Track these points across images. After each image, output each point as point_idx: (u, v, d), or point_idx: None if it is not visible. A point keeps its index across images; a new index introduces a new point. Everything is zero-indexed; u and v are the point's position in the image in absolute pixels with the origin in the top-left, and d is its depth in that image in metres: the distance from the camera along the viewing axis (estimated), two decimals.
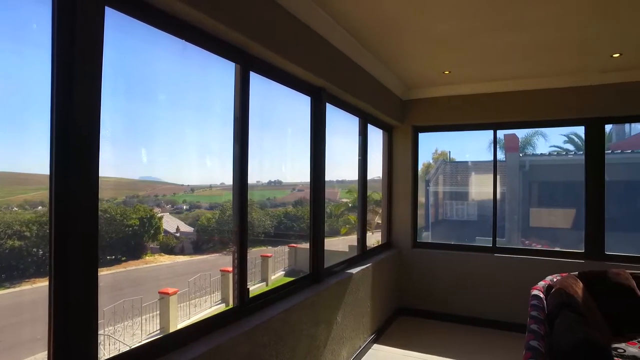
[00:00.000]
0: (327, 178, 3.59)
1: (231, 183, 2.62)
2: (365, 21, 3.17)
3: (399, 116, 5.17)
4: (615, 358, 2.99)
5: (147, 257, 5.82)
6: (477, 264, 4.91)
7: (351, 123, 4.47)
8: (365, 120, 4.47)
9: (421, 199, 6.38)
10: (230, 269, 2.63)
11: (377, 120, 4.84)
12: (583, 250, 4.57)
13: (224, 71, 2.54)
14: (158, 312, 5.39)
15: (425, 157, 8.97)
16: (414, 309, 5.21)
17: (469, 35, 3.37)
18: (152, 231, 5.65)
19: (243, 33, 2.30)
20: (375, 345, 4.34)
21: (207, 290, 6.51)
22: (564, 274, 3.64)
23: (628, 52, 3.70)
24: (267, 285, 7.27)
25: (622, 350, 3.07)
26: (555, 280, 3.52)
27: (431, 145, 9.48)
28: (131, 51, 2.23)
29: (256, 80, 2.79)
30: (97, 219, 1.55)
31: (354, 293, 3.87)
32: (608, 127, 11.39)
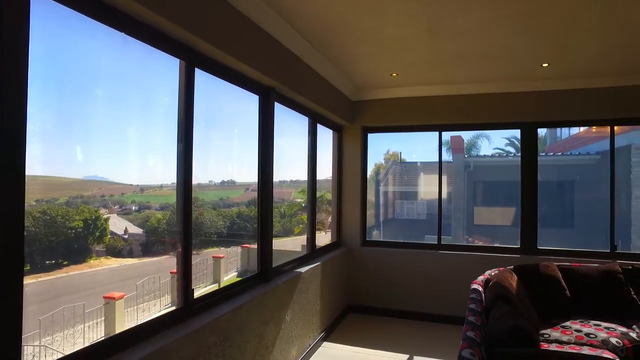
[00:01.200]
0: (281, 178, 3.60)
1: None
2: (314, 21, 3.21)
3: (349, 117, 5.27)
4: (542, 343, 3.22)
5: (91, 261, 5.52)
6: (423, 261, 5.11)
7: (303, 123, 4.50)
8: (314, 120, 4.52)
9: (372, 198, 6.54)
10: None
11: (327, 120, 4.90)
12: (519, 246, 4.88)
13: (168, 67, 2.48)
14: (103, 318, 5.13)
15: (377, 157, 9.19)
16: (364, 306, 5.33)
17: (414, 40, 3.50)
18: (97, 233, 5.37)
19: (188, 28, 2.26)
20: (325, 343, 4.39)
21: (156, 293, 6.29)
22: (501, 269, 3.87)
23: (555, 63, 4.01)
24: (219, 286, 7.12)
25: (547, 335, 3.32)
26: (493, 274, 3.74)
27: (383, 146, 9.73)
28: (66, 44, 2.11)
29: (202, 78, 2.75)
30: (23, 219, 1.47)
31: (303, 292, 3.90)
32: (543, 131, 12.24)
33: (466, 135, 10.50)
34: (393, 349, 4.23)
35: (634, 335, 3.31)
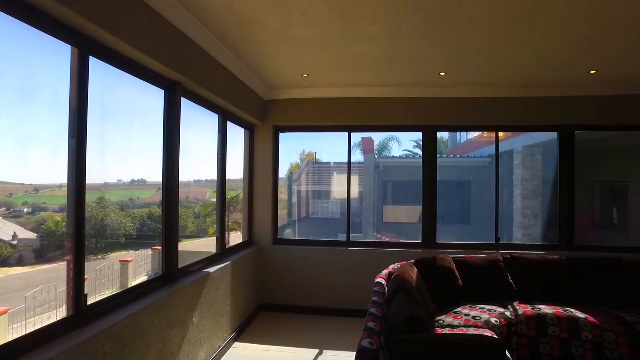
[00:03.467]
0: (197, 177, 3.47)
1: (90, 182, 2.35)
2: (222, 17, 3.15)
3: (261, 115, 5.25)
4: (437, 328, 3.53)
5: None
6: (333, 258, 5.28)
7: (215, 120, 4.39)
8: (225, 118, 4.43)
9: (283, 196, 6.59)
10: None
11: (238, 119, 4.84)
12: (421, 241, 5.26)
13: (58, 54, 2.26)
14: None
15: (293, 157, 9.29)
16: (276, 304, 5.36)
17: (324, 42, 3.60)
18: None
19: (79, 13, 2.08)
20: (236, 344, 4.33)
21: (51, 304, 5.65)
22: (404, 263, 4.16)
23: (452, 72, 4.40)
24: None
25: (442, 321, 3.65)
26: (396, 268, 4.00)
27: (299, 146, 9.86)
28: None
29: (99, 68, 2.56)
30: None
31: (212, 292, 3.81)
32: (446, 135, 13.36)
33: (378, 137, 11.09)
34: (304, 345, 4.31)
35: (508, 314, 3.79)
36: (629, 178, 7.26)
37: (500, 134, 5.50)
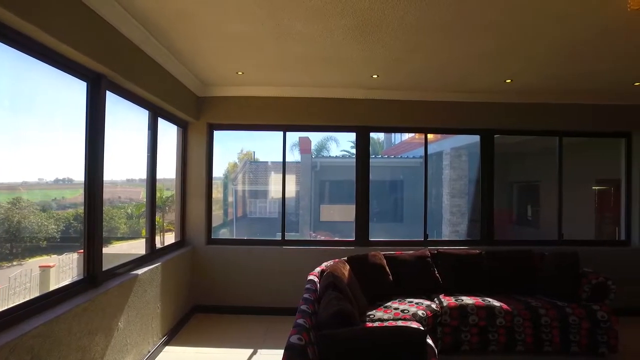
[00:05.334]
0: (129, 176, 3.28)
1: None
2: (150, 9, 3.02)
3: (194, 113, 5.11)
4: (367, 322, 3.65)
5: None
6: (268, 257, 5.27)
7: (145, 117, 4.19)
8: (156, 114, 4.25)
9: (219, 195, 6.46)
10: None
11: (170, 115, 4.65)
12: (354, 239, 5.41)
13: None
14: None
15: (231, 157, 9.12)
16: (211, 305, 5.24)
17: (258, 40, 3.57)
18: None
19: None
20: (167, 348, 4.18)
21: None
22: (336, 260, 4.25)
23: (383, 75, 4.58)
24: None
25: (372, 316, 3.78)
26: (328, 265, 4.08)
27: (237, 145, 9.70)
28: None
29: (9, 54, 2.35)
30: None
31: (140, 295, 3.64)
32: (381, 136, 13.85)
33: (316, 137, 11.23)
34: (238, 345, 4.26)
35: (434, 306, 4.02)
36: (540, 178, 8.00)
37: (430, 136, 5.82)
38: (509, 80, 4.68)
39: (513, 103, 5.35)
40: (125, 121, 4.04)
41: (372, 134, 5.61)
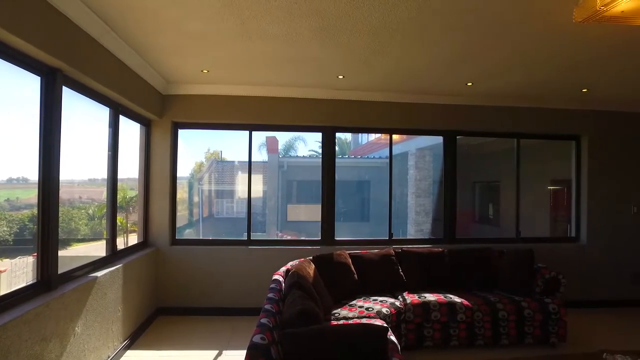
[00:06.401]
0: (91, 176, 3.17)
1: None
2: (109, 2, 2.93)
3: (158, 111, 4.98)
4: (332, 321, 3.69)
5: None
6: (233, 257, 5.22)
7: (106, 114, 4.05)
8: (117, 112, 4.12)
9: (182, 195, 6.34)
10: None
11: (132, 113, 4.52)
12: (320, 238, 5.45)
13: None
14: None
15: (198, 156, 8.95)
16: (175, 307, 5.13)
17: (221, 38, 3.53)
18: None
19: None
20: (128, 352, 4.06)
21: None
22: (302, 259, 4.27)
23: (349, 76, 4.63)
24: None
25: (337, 314, 3.83)
26: (294, 264, 4.09)
27: (204, 145, 9.53)
28: None
29: None
30: None
31: (99, 298, 3.52)
32: (348, 136, 13.97)
33: (284, 137, 11.19)
34: (203, 346, 4.20)
35: (398, 303, 4.11)
36: (500, 178, 8.33)
37: (396, 137, 5.93)
38: (470, 84, 4.84)
39: (474, 105, 5.54)
40: (85, 118, 3.90)
41: (339, 135, 5.66)
